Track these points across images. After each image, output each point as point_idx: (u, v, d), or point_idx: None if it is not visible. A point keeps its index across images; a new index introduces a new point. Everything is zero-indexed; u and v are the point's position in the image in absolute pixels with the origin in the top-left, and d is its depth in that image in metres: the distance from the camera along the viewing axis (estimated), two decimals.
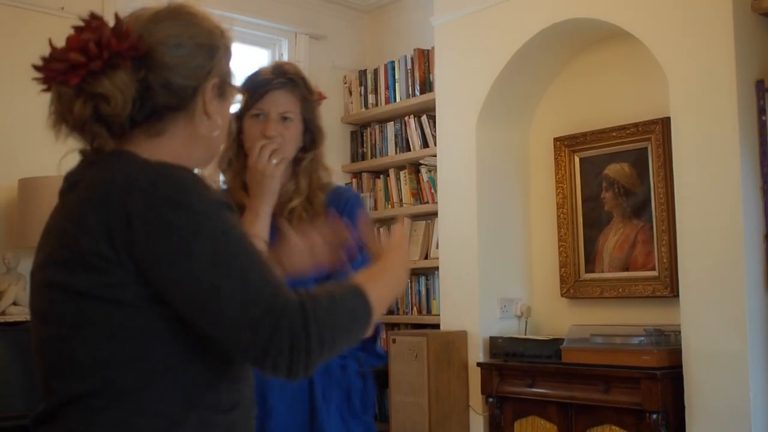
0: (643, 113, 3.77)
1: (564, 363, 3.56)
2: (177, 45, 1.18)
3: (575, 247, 4.00)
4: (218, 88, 1.24)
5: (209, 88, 1.22)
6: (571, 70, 4.12)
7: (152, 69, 1.16)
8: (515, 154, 4.24)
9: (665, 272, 3.62)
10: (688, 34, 3.34)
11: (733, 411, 3.11)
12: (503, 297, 4.10)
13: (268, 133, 1.82)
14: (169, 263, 1.07)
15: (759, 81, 3.23)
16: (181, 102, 1.20)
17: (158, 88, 1.17)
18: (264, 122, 1.84)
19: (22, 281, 3.45)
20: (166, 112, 1.19)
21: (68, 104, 1.15)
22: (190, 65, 1.19)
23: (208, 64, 1.22)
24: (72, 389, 1.12)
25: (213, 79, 1.23)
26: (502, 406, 3.78)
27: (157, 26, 1.18)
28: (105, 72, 1.13)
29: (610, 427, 3.38)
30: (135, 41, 1.15)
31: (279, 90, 1.85)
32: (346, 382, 1.86)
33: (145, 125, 1.18)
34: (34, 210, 3.30)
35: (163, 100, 1.18)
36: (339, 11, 5.01)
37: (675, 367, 3.27)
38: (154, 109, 1.18)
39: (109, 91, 1.13)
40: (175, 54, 1.18)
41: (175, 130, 1.21)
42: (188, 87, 1.20)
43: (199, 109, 1.22)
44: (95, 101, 1.13)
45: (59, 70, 1.14)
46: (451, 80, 4.20)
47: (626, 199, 3.84)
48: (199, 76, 1.21)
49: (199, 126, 1.22)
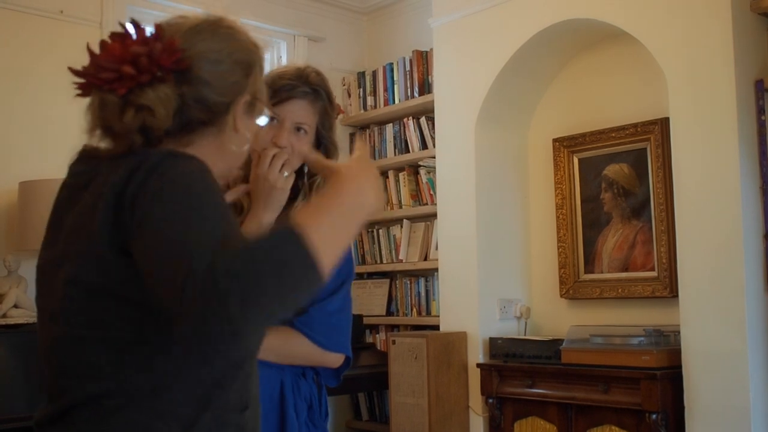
0: (642, 114, 3.78)
1: (564, 363, 3.57)
2: (216, 61, 1.19)
3: (574, 248, 4.00)
4: (248, 104, 1.24)
5: (240, 105, 1.22)
6: (569, 70, 4.13)
7: (190, 83, 1.17)
8: (514, 155, 4.24)
9: (664, 273, 3.63)
10: (687, 34, 3.34)
11: (732, 411, 3.11)
12: (503, 298, 4.10)
13: (280, 143, 1.73)
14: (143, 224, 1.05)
15: (758, 81, 3.24)
16: (213, 117, 1.20)
17: (192, 103, 1.17)
18: (277, 129, 1.74)
19: (23, 284, 3.45)
20: (197, 126, 1.20)
21: (116, 113, 1.14)
22: (226, 82, 1.20)
23: (243, 82, 1.22)
24: (86, 390, 1.11)
25: (245, 96, 1.23)
26: (502, 406, 3.79)
27: (197, 39, 1.19)
28: (151, 84, 1.14)
29: (610, 427, 3.38)
30: (180, 56, 1.15)
31: (300, 99, 1.77)
32: (308, 389, 1.83)
33: (176, 135, 1.18)
34: (35, 213, 3.31)
35: (196, 114, 1.18)
36: (337, 13, 5.01)
37: (674, 368, 3.27)
38: (186, 122, 1.18)
39: (154, 103, 1.13)
40: (214, 70, 1.19)
41: (203, 143, 1.21)
42: (222, 103, 1.20)
43: (229, 125, 1.22)
44: (143, 112, 1.13)
45: (107, 79, 1.14)
46: (450, 82, 4.21)
47: (625, 199, 3.85)
48: (234, 92, 1.21)
49: (227, 141, 1.22)
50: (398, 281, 4.67)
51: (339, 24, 5.02)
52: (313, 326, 1.75)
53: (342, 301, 1.81)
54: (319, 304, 1.76)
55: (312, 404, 1.83)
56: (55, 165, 3.69)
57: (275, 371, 1.77)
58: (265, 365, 1.72)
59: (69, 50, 3.93)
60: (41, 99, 3.75)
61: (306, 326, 1.75)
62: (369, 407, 4.68)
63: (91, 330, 1.11)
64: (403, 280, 4.63)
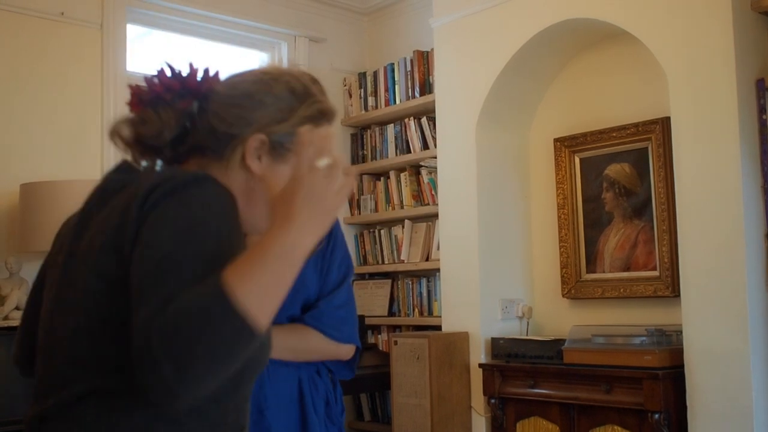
0: (643, 113, 3.77)
1: (566, 363, 3.56)
2: (227, 93, 1.24)
3: (576, 248, 4.00)
4: (269, 146, 1.21)
5: (252, 144, 1.21)
6: (570, 70, 4.13)
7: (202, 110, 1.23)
8: (515, 155, 4.24)
9: (666, 272, 3.62)
10: (688, 33, 3.34)
11: (735, 410, 3.11)
12: (504, 298, 4.10)
13: None
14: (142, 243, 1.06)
15: (759, 80, 3.24)
16: (216, 148, 1.22)
17: (199, 128, 1.22)
18: None
19: (25, 286, 3.45)
20: (204, 152, 1.23)
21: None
22: (231, 113, 1.22)
23: (251, 116, 1.21)
24: (93, 383, 1.10)
25: (258, 135, 1.21)
26: (504, 407, 3.78)
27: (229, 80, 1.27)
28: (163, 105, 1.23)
29: (613, 427, 3.38)
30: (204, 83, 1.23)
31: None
32: (324, 387, 1.90)
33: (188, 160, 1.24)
34: (36, 215, 3.31)
35: (199, 140, 1.23)
36: (338, 14, 5.01)
37: (677, 367, 3.27)
38: (192, 146, 1.23)
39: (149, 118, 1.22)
40: (220, 98, 1.23)
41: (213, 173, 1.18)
42: (225, 135, 1.21)
43: (237, 161, 1.21)
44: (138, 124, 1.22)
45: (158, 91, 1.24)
46: (451, 82, 4.21)
47: (627, 199, 3.84)
48: (240, 125, 1.21)
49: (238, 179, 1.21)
50: (400, 282, 4.66)
51: (340, 24, 5.02)
52: (323, 320, 1.84)
53: (347, 294, 1.90)
54: (326, 299, 1.85)
55: (329, 401, 1.90)
56: (56, 167, 3.72)
57: (292, 370, 1.84)
58: (282, 364, 1.81)
59: (70, 52, 3.95)
60: (42, 100, 3.75)
61: (317, 321, 1.83)
62: (371, 408, 4.68)
63: (106, 324, 1.10)
64: (405, 281, 4.63)
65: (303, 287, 1.84)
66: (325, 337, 1.84)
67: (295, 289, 1.81)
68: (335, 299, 1.86)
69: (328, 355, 1.89)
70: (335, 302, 1.86)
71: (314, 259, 1.87)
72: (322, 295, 1.86)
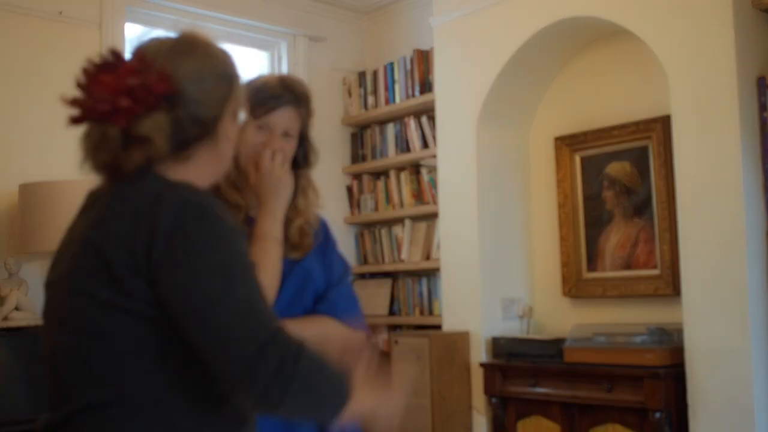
0: (643, 111, 3.77)
1: (567, 363, 3.56)
2: (199, 79, 1.22)
3: (577, 247, 3.99)
4: (234, 112, 1.30)
5: (229, 115, 1.28)
6: (571, 69, 4.12)
7: (182, 105, 1.20)
8: (516, 153, 4.23)
9: (667, 270, 3.62)
10: (689, 31, 3.33)
11: (736, 408, 3.10)
12: (505, 297, 4.09)
13: (274, 149, 1.84)
14: (180, 269, 1.10)
15: (760, 78, 3.23)
16: (206, 131, 1.24)
17: (188, 123, 1.21)
18: (268, 135, 1.85)
19: (24, 286, 3.45)
20: (193, 141, 1.23)
21: (118, 148, 1.17)
22: (213, 97, 1.24)
23: (228, 94, 1.27)
24: (88, 397, 1.12)
25: (231, 105, 1.28)
26: (505, 406, 3.78)
27: (178, 61, 1.22)
28: (147, 114, 1.17)
29: (614, 426, 3.38)
30: (170, 82, 1.19)
31: (287, 107, 1.87)
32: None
33: (173, 154, 1.22)
34: (35, 215, 3.30)
35: (190, 132, 1.22)
36: (337, 13, 5.00)
37: (678, 366, 3.27)
38: (182, 141, 1.22)
39: (152, 133, 1.17)
40: (199, 88, 1.22)
41: (201, 155, 1.25)
42: (212, 117, 1.24)
43: (222, 135, 1.27)
44: (143, 145, 1.17)
45: (106, 112, 1.16)
46: (451, 81, 4.20)
47: (627, 197, 3.84)
48: (221, 105, 1.26)
49: (222, 150, 1.28)
50: (400, 281, 4.66)
51: (339, 24, 5.01)
52: (338, 309, 1.88)
53: (351, 284, 1.98)
54: (335, 288, 1.90)
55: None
56: (55, 167, 3.71)
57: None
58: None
59: (68, 51, 3.94)
60: (41, 100, 3.74)
61: (332, 310, 1.88)
62: None
63: (98, 341, 1.13)
64: (406, 280, 4.62)
65: (311, 280, 1.87)
66: (341, 323, 1.88)
67: (304, 283, 1.84)
68: (344, 288, 1.92)
69: (348, 342, 1.89)
70: (344, 291, 1.93)
71: (316, 255, 1.90)
72: (330, 285, 1.91)
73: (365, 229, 4.90)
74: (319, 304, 1.88)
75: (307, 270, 1.87)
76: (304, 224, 1.90)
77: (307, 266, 1.87)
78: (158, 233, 1.10)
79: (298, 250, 1.88)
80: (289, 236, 1.88)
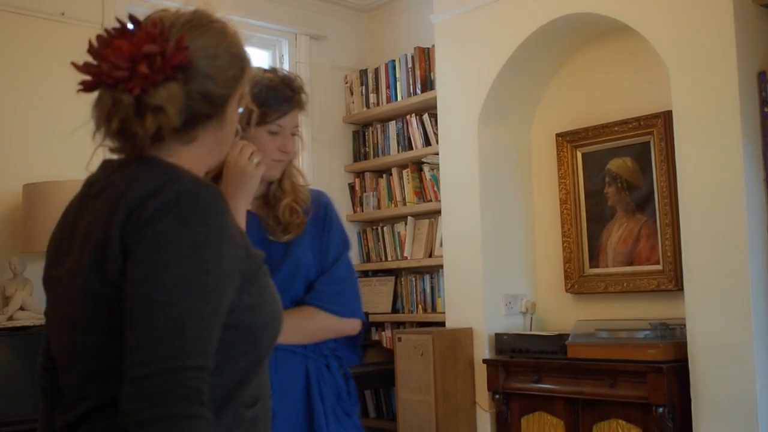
0: (644, 107, 3.77)
1: (570, 358, 3.56)
2: (215, 55, 1.21)
3: (579, 243, 4.00)
4: (241, 96, 1.27)
5: (236, 97, 1.26)
6: (572, 65, 4.13)
7: (195, 79, 1.18)
8: (517, 150, 4.24)
9: (669, 266, 3.62)
10: (689, 26, 3.33)
11: (739, 403, 3.11)
12: (508, 293, 4.10)
13: (288, 149, 1.87)
14: (140, 264, 1.08)
15: (761, 72, 3.23)
16: (215, 110, 1.22)
17: (198, 98, 1.18)
18: (281, 138, 1.87)
19: (29, 286, 3.46)
20: (201, 120, 1.21)
21: (132, 115, 1.14)
22: (227, 75, 1.22)
23: (239, 74, 1.25)
24: (107, 393, 1.11)
25: (241, 88, 1.26)
26: (508, 402, 3.79)
27: (195, 35, 1.20)
28: (163, 84, 1.14)
29: (617, 421, 3.38)
30: (186, 52, 1.16)
31: (296, 109, 1.90)
32: (333, 380, 1.92)
33: (180, 132, 1.19)
34: (39, 215, 3.31)
35: (201, 108, 1.20)
36: (339, 11, 5.01)
37: (681, 361, 3.27)
38: (190, 118, 1.19)
39: (166, 103, 1.14)
40: (214, 64, 1.20)
41: (206, 137, 1.23)
42: (224, 96, 1.22)
43: (228, 116, 1.25)
44: (159, 114, 1.14)
45: (121, 78, 1.13)
46: (452, 78, 4.21)
47: (629, 193, 3.84)
48: (233, 85, 1.24)
49: (226, 133, 1.26)
50: (403, 278, 4.67)
51: (340, 22, 5.02)
52: (323, 297, 1.88)
53: (345, 270, 1.94)
54: (325, 276, 1.90)
55: (341, 395, 1.92)
56: (59, 167, 3.72)
57: (300, 358, 1.87)
58: (290, 356, 1.84)
59: (70, 52, 3.94)
60: (44, 101, 3.75)
61: (317, 300, 1.87)
62: (376, 404, 4.68)
63: (112, 337, 1.11)
64: (408, 277, 4.63)
65: (301, 269, 1.88)
66: (328, 313, 1.88)
67: (294, 272, 1.85)
68: (334, 276, 1.91)
69: (334, 331, 1.91)
70: (334, 278, 1.91)
71: (311, 242, 1.91)
72: (322, 271, 1.91)
73: (368, 226, 4.91)
74: (307, 293, 1.88)
75: (297, 259, 1.87)
76: (292, 202, 1.90)
77: (298, 255, 1.88)
78: (146, 226, 1.09)
79: (289, 230, 1.88)
80: (279, 216, 1.88)
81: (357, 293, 1.98)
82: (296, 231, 1.88)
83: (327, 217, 1.95)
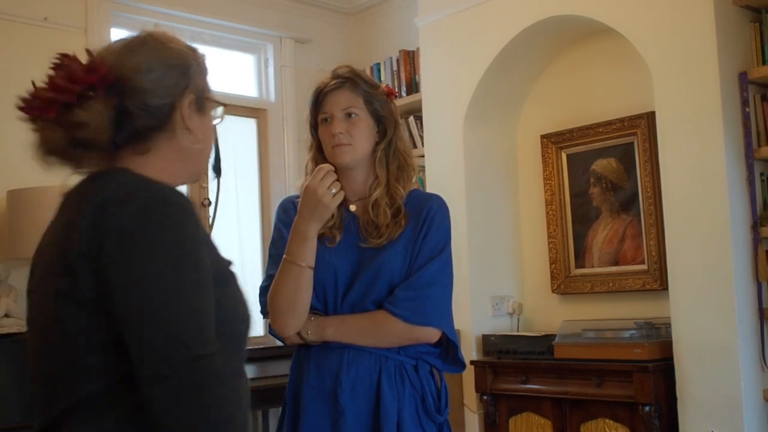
0: (628, 108, 3.79)
1: (557, 358, 3.58)
2: (148, 69, 1.25)
3: (565, 243, 4.02)
4: (195, 103, 1.30)
5: (186, 105, 1.28)
6: (555, 67, 4.15)
7: (127, 94, 1.23)
8: (503, 152, 4.25)
9: (654, 266, 3.64)
10: (671, 28, 3.36)
11: (724, 401, 3.13)
12: (495, 295, 4.11)
13: (334, 131, 1.86)
14: (124, 273, 1.11)
15: (742, 73, 3.26)
16: (159, 121, 1.26)
17: (137, 111, 1.23)
18: (331, 124, 1.88)
19: (14, 293, 3.44)
20: (148, 132, 1.26)
21: (46, 135, 1.22)
22: (163, 86, 1.26)
23: (181, 82, 1.28)
24: (78, 393, 1.14)
25: (189, 95, 1.29)
26: (496, 403, 3.80)
27: (128, 55, 1.26)
28: (79, 104, 1.20)
29: (604, 420, 3.40)
30: (105, 72, 1.22)
31: (337, 90, 1.88)
32: (419, 382, 1.90)
33: (131, 145, 1.25)
34: (24, 221, 3.30)
35: (142, 121, 1.24)
36: (323, 14, 5.01)
37: (666, 360, 3.29)
38: (136, 131, 1.24)
39: (85, 118, 1.19)
40: (148, 78, 1.25)
41: (159, 148, 1.27)
42: (164, 106, 1.26)
43: (179, 125, 1.28)
44: (70, 129, 1.20)
45: (38, 107, 1.21)
46: (437, 80, 4.22)
47: (614, 194, 3.86)
48: (174, 94, 1.27)
49: (183, 142, 1.29)
50: None
51: (325, 25, 5.02)
52: (397, 303, 1.82)
53: (431, 276, 1.87)
54: (406, 282, 1.84)
55: (425, 397, 1.91)
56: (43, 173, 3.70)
57: (374, 358, 1.84)
58: (365, 351, 1.82)
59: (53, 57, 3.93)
60: None
61: (391, 304, 1.83)
62: None
63: (81, 336, 1.14)
64: None
65: (385, 271, 1.83)
66: (397, 318, 1.82)
67: (374, 276, 1.82)
68: (415, 281, 1.84)
69: (405, 337, 1.85)
70: (415, 284, 1.84)
71: (405, 244, 1.87)
72: (407, 278, 1.85)
73: None
74: (387, 297, 1.83)
75: (382, 263, 1.83)
76: (380, 198, 1.88)
77: (385, 258, 1.84)
78: (111, 234, 1.12)
79: (382, 234, 1.85)
80: (374, 219, 1.86)
81: (441, 301, 1.90)
82: (390, 235, 1.85)
83: (427, 221, 1.92)
